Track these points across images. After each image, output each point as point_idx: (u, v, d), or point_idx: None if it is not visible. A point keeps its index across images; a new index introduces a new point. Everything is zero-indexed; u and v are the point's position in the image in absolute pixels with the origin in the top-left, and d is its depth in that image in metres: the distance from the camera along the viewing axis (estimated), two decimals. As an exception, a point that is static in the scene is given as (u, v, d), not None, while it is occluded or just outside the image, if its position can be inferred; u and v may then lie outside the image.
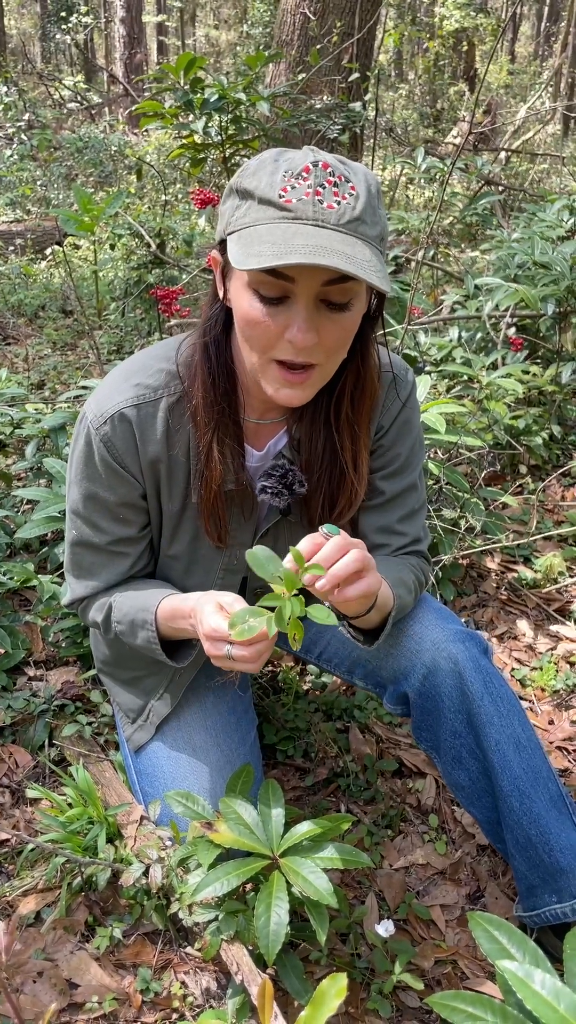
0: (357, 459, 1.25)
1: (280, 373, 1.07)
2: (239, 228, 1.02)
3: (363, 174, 1.03)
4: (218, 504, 1.23)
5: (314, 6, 5.26)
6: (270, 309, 1.03)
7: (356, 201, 1.00)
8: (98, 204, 2.39)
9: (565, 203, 3.73)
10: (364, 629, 1.29)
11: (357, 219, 0.99)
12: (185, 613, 1.21)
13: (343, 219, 0.98)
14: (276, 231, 0.97)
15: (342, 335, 1.07)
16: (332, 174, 0.99)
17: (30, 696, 1.75)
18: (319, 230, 0.97)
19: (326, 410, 1.22)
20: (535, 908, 1.27)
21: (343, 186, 1.00)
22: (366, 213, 1.01)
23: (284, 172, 0.99)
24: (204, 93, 3.10)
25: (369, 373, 1.20)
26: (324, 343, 1.05)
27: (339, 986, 0.63)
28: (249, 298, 1.04)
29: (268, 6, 13.67)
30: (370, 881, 1.51)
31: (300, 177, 0.99)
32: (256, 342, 1.06)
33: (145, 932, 1.36)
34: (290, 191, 0.98)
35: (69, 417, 2.16)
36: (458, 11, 11.84)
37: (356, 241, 0.99)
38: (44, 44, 18.20)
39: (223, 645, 1.09)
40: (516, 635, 2.22)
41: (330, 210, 0.98)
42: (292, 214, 0.98)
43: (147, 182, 7.43)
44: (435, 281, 4.32)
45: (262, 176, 1.01)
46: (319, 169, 0.99)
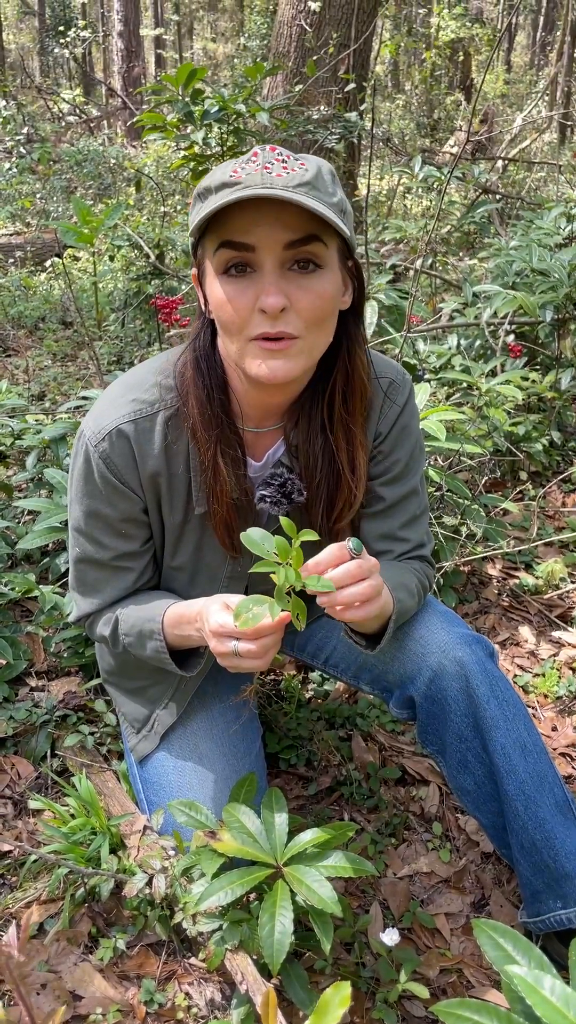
0: (354, 460, 1.25)
1: (260, 345, 1.07)
2: (198, 218, 1.04)
3: (314, 159, 1.07)
4: (230, 515, 1.24)
5: (310, 18, 5.29)
6: (238, 284, 1.05)
7: (306, 172, 1.03)
8: (97, 216, 2.40)
9: (562, 210, 3.74)
10: (365, 634, 1.29)
11: (307, 183, 1.02)
12: (191, 618, 1.21)
13: (292, 183, 1.01)
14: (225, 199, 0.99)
15: (315, 301, 1.06)
16: (280, 154, 1.04)
17: (32, 707, 1.75)
18: (267, 189, 0.99)
19: (321, 414, 1.22)
20: (540, 914, 1.26)
21: (292, 162, 1.04)
22: (317, 181, 1.03)
23: (236, 162, 1.04)
24: (204, 104, 3.11)
25: (357, 370, 1.21)
26: (298, 310, 1.05)
27: (343, 995, 0.63)
28: (220, 283, 1.06)
29: (265, 19, 13.75)
30: (374, 890, 1.50)
31: (250, 161, 1.04)
32: (232, 324, 1.07)
33: (149, 943, 1.35)
34: (240, 171, 1.02)
35: (69, 428, 2.16)
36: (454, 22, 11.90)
37: (306, 197, 1.00)
38: (42, 58, 18.32)
39: (229, 641, 1.08)
40: (518, 641, 2.22)
41: (279, 178, 1.01)
42: (241, 184, 1.01)
43: (146, 194, 7.46)
44: (433, 289, 4.33)
45: (216, 173, 1.05)
46: (266, 151, 1.04)
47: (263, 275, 1.04)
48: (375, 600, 1.07)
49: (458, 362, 2.80)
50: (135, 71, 14.01)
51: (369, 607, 1.07)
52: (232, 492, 1.22)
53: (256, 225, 1.01)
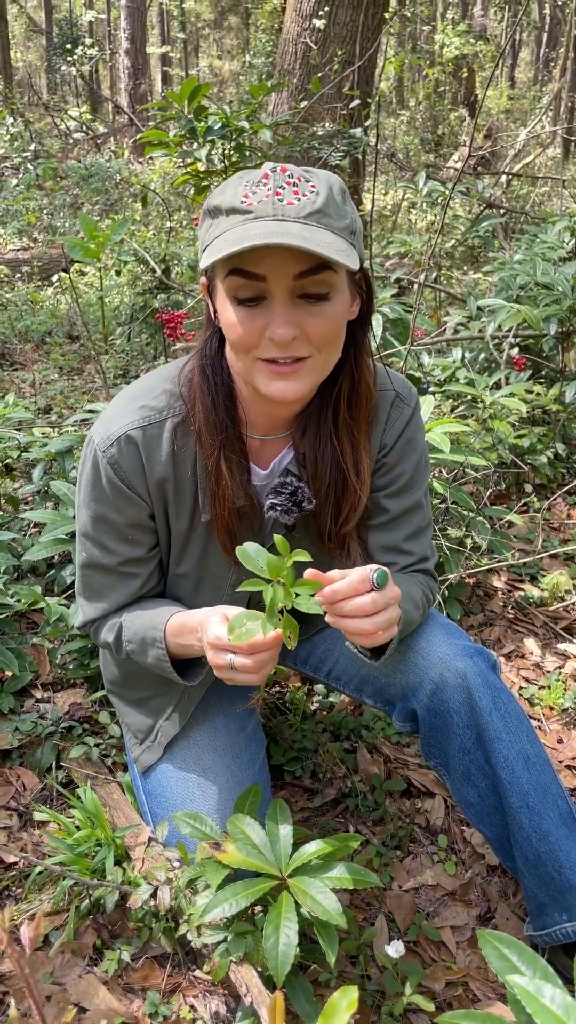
0: (359, 465, 1.26)
1: (268, 367, 1.09)
2: (210, 242, 1.06)
3: (324, 175, 1.07)
4: (232, 521, 1.25)
5: (315, 36, 5.34)
6: (249, 311, 1.06)
7: (316, 196, 1.03)
8: (103, 231, 2.42)
9: (566, 224, 3.76)
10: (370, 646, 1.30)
11: (319, 211, 1.02)
12: (192, 628, 1.22)
13: (303, 212, 1.02)
14: (238, 230, 1.01)
15: (327, 327, 1.08)
16: (291, 176, 1.04)
17: (37, 718, 1.75)
18: (279, 223, 1.00)
19: (328, 421, 1.23)
20: (545, 927, 1.26)
21: (302, 185, 1.04)
22: (328, 207, 1.04)
23: (246, 183, 1.04)
24: (208, 121, 3.14)
25: (363, 376, 1.22)
26: (309, 336, 1.07)
27: (350, 999, 0.63)
28: (230, 306, 1.07)
29: (270, 36, 13.88)
30: (379, 902, 1.50)
31: (260, 183, 1.03)
32: (241, 345, 1.08)
33: (153, 955, 1.35)
34: (251, 196, 1.03)
35: (76, 440, 2.18)
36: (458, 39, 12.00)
37: (318, 228, 1.01)
38: (50, 76, 18.50)
39: (225, 654, 1.09)
40: (524, 653, 2.21)
41: (290, 206, 1.02)
42: (254, 214, 1.01)
43: (152, 209, 7.51)
44: (438, 303, 4.35)
45: (227, 191, 1.05)
46: (277, 173, 1.04)
47: (273, 305, 1.05)
48: (387, 631, 1.09)
49: (462, 375, 2.81)
50: (141, 88, 14.14)
51: (376, 638, 1.08)
52: (236, 498, 1.22)
53: (267, 256, 1.02)
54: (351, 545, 1.34)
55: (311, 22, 5.32)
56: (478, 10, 16.79)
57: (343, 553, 1.34)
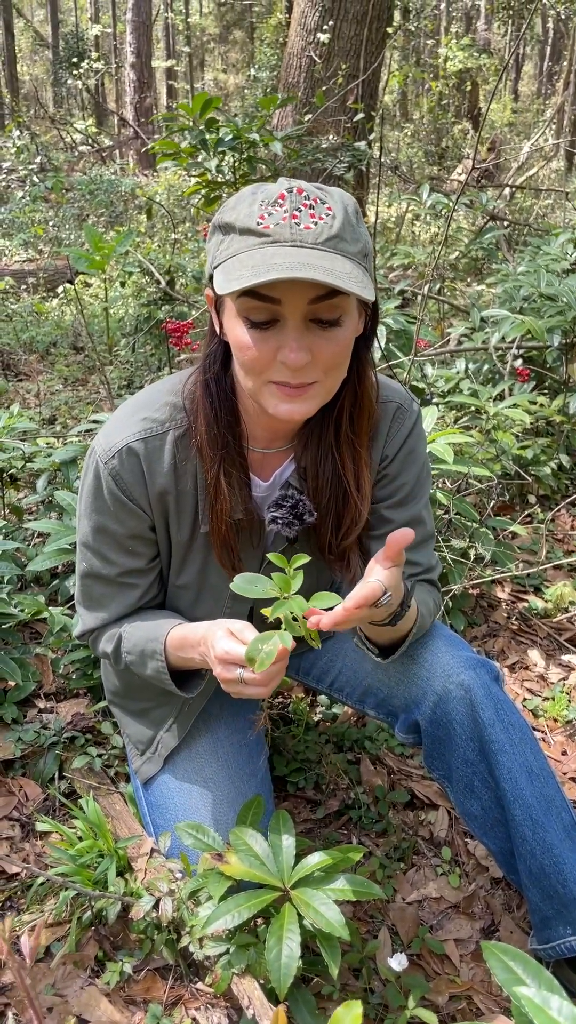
0: (360, 478, 1.26)
1: (278, 389, 1.08)
2: (223, 260, 1.05)
3: (339, 196, 1.06)
4: (229, 534, 1.25)
5: (320, 49, 5.37)
6: (261, 333, 1.05)
7: (333, 220, 1.02)
8: (109, 243, 2.44)
9: (569, 236, 3.77)
10: (379, 644, 1.30)
11: (335, 236, 1.02)
12: (194, 642, 1.22)
13: (321, 238, 1.01)
14: (256, 255, 1.00)
15: (336, 351, 1.08)
16: (307, 198, 1.02)
17: (40, 728, 1.75)
18: (298, 249, 0.99)
19: (329, 435, 1.24)
20: (550, 940, 1.25)
21: (319, 207, 1.02)
22: (344, 231, 1.03)
23: (261, 201, 1.03)
24: (219, 133, 3.16)
25: (366, 392, 1.22)
26: (319, 361, 1.07)
27: (354, 1013, 0.63)
28: (241, 326, 1.06)
29: (275, 50, 13.98)
30: (382, 915, 1.49)
31: (276, 204, 1.02)
32: (250, 366, 1.08)
33: (155, 967, 1.34)
34: (267, 217, 1.01)
35: (80, 451, 2.18)
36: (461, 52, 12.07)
37: (336, 256, 1.01)
38: (56, 89, 18.64)
39: (235, 668, 1.09)
40: (527, 665, 2.21)
41: (307, 231, 1.01)
42: (271, 238, 1.01)
43: (157, 221, 7.55)
44: (441, 314, 4.36)
45: (241, 208, 1.04)
46: (294, 194, 1.02)
47: (286, 329, 1.04)
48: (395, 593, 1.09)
49: (466, 386, 2.81)
50: (147, 102, 14.23)
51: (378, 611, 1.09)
52: (234, 512, 1.23)
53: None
54: (351, 558, 1.34)
55: (315, 36, 5.36)
56: (481, 24, 16.90)
57: (343, 566, 1.34)
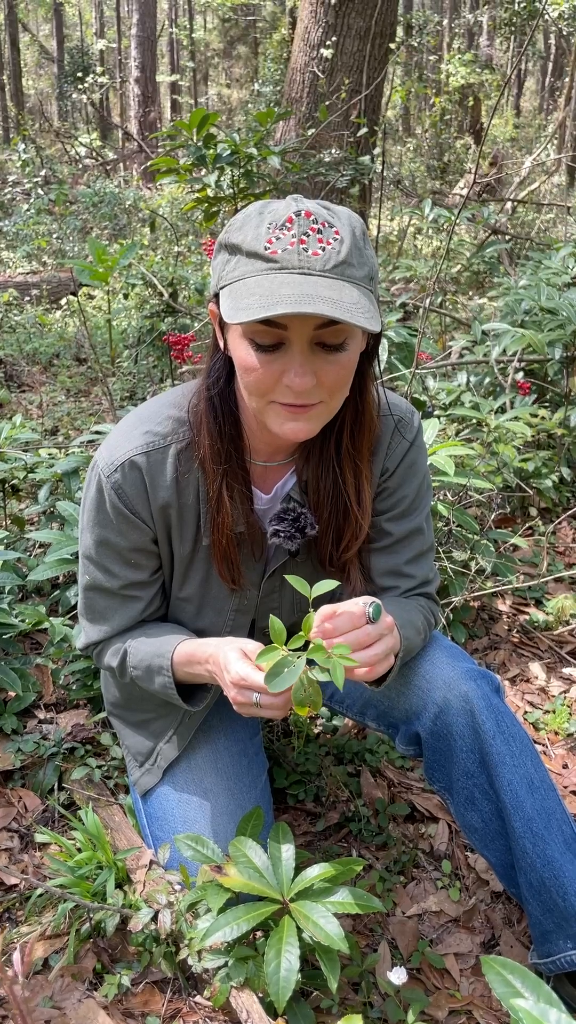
0: (360, 493, 1.27)
1: (283, 409, 1.09)
2: (230, 282, 1.05)
3: (347, 217, 1.06)
4: (230, 548, 1.25)
5: (323, 64, 5.41)
6: (266, 356, 1.05)
7: (341, 245, 1.02)
8: (112, 255, 2.45)
9: (571, 250, 3.79)
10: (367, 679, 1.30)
11: (343, 262, 1.02)
12: (202, 659, 1.22)
13: (328, 264, 1.01)
14: (264, 283, 1.00)
15: (341, 374, 1.09)
16: (315, 221, 1.02)
17: (40, 739, 1.74)
18: (305, 278, 0.99)
19: (331, 448, 1.24)
20: (550, 955, 1.24)
21: (327, 232, 1.02)
22: (352, 255, 1.03)
23: (269, 224, 1.02)
24: (217, 148, 3.18)
25: (367, 408, 1.22)
26: (324, 383, 1.08)
27: (350, 1027, 0.63)
28: (246, 347, 1.06)
29: (278, 65, 14.07)
30: (382, 928, 1.49)
31: (284, 227, 1.01)
32: (255, 388, 1.08)
33: (154, 980, 1.34)
34: (275, 242, 1.01)
35: (82, 461, 2.19)
36: (464, 68, 12.15)
37: (343, 284, 1.01)
38: (61, 103, 18.77)
39: (251, 693, 1.09)
40: (528, 677, 2.20)
41: (315, 257, 1.00)
42: (278, 264, 1.00)
43: (160, 234, 7.59)
44: (443, 327, 4.38)
45: (248, 230, 1.03)
46: (302, 218, 1.01)
47: (292, 353, 1.05)
48: (384, 663, 1.12)
49: (467, 399, 2.82)
50: (151, 116, 14.34)
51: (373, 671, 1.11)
52: (236, 525, 1.23)
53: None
54: (351, 571, 1.34)
55: (319, 51, 5.40)
56: (484, 40, 17.03)
57: (343, 578, 1.34)
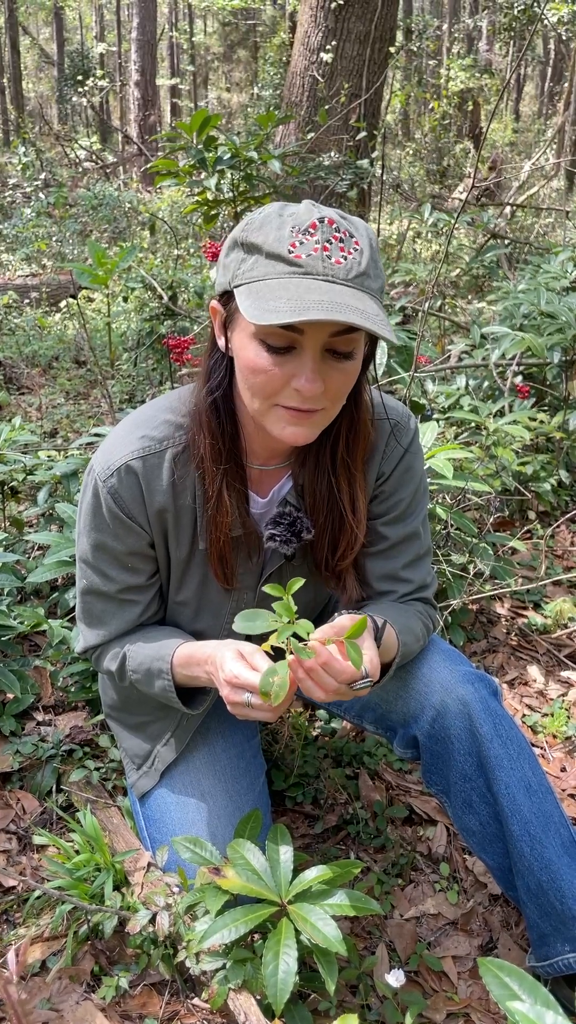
0: (355, 501, 1.27)
1: (286, 413, 1.10)
2: (248, 281, 1.04)
3: (364, 229, 1.07)
4: (226, 548, 1.25)
5: (322, 69, 5.43)
6: (277, 359, 1.06)
7: (361, 256, 1.03)
8: (112, 258, 2.45)
9: (570, 255, 3.79)
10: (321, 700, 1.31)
11: (363, 273, 1.03)
12: (200, 660, 1.22)
13: (351, 274, 1.02)
14: (289, 286, 1.00)
15: (346, 381, 1.10)
16: (337, 230, 1.03)
17: (38, 741, 1.74)
18: (331, 285, 1.00)
19: (326, 455, 1.24)
20: (548, 958, 1.24)
21: (348, 242, 1.03)
22: (370, 267, 1.04)
23: (291, 228, 1.02)
24: (217, 151, 3.19)
25: (362, 415, 1.23)
26: (329, 390, 1.08)
27: (347, 1027, 0.63)
28: (256, 348, 1.06)
29: (278, 69, 14.10)
30: (380, 931, 1.49)
31: (308, 233, 1.02)
32: (261, 390, 1.08)
33: (152, 982, 1.34)
34: (299, 246, 1.01)
35: (81, 464, 2.19)
36: (463, 72, 12.18)
37: (364, 295, 1.02)
38: (61, 106, 18.80)
39: (243, 692, 1.10)
40: (527, 681, 2.21)
41: (338, 265, 1.02)
42: (303, 269, 1.01)
43: (160, 237, 7.60)
44: (442, 331, 4.38)
45: (269, 231, 1.03)
46: (325, 225, 1.02)
47: (304, 359, 1.05)
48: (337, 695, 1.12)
49: (466, 402, 2.82)
50: (151, 119, 14.35)
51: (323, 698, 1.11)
52: (233, 528, 1.23)
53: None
54: (347, 577, 1.34)
55: (319, 56, 5.42)
56: (483, 44, 17.07)
57: (338, 585, 1.35)
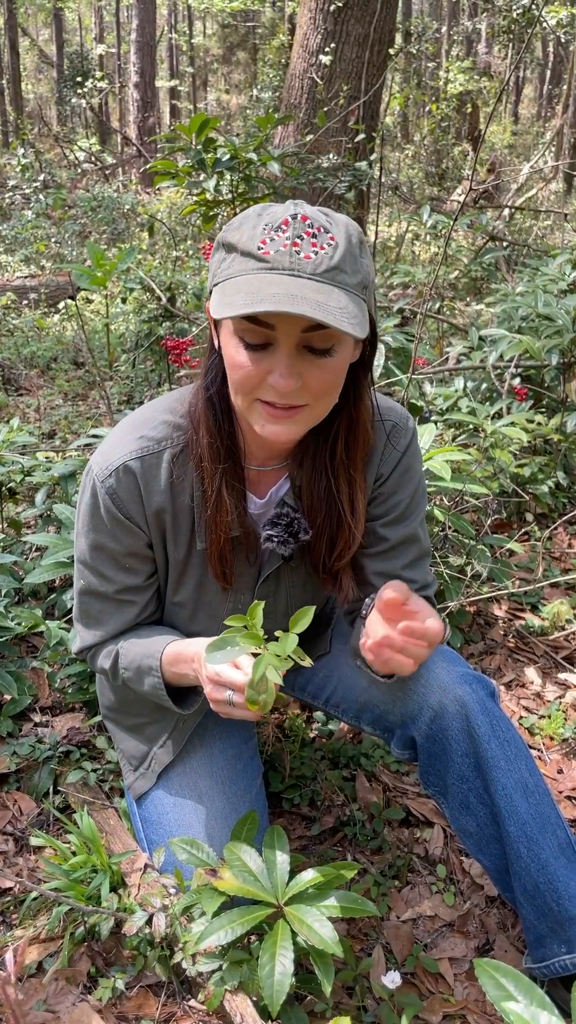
0: (354, 502, 1.27)
1: (264, 409, 1.09)
2: (222, 280, 1.05)
3: (344, 225, 1.05)
4: (226, 548, 1.25)
5: (322, 71, 5.43)
6: (254, 355, 1.06)
7: (334, 251, 1.02)
8: (110, 260, 2.46)
9: (568, 257, 3.80)
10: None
11: (335, 268, 1.02)
12: (187, 658, 1.22)
13: (319, 268, 1.01)
14: (253, 281, 1.00)
15: (327, 379, 1.08)
16: (311, 225, 1.02)
17: (35, 742, 1.74)
18: (294, 279, 0.99)
19: (324, 456, 1.24)
20: (544, 959, 1.24)
21: (321, 236, 1.02)
22: (345, 262, 1.03)
23: (265, 225, 1.03)
24: (216, 153, 3.20)
25: (362, 418, 1.22)
26: (309, 387, 1.07)
27: (342, 1029, 0.63)
28: (235, 345, 1.07)
29: (277, 71, 14.11)
30: (377, 932, 1.49)
31: (279, 229, 1.02)
32: (241, 385, 1.09)
33: (148, 984, 1.34)
34: (269, 243, 1.01)
35: (79, 465, 2.19)
36: (462, 75, 12.20)
37: (332, 289, 1.01)
38: (60, 108, 18.80)
39: (224, 690, 1.10)
40: (524, 683, 2.21)
41: (307, 260, 1.00)
42: (269, 265, 1.01)
43: (158, 238, 7.61)
44: (440, 333, 4.39)
45: (244, 230, 1.04)
46: (298, 221, 1.02)
47: (279, 354, 1.05)
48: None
49: (464, 404, 2.82)
50: (150, 121, 14.36)
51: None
52: (232, 528, 1.23)
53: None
54: (343, 579, 1.34)
55: (318, 58, 5.42)
56: (482, 47, 17.09)
57: (335, 586, 1.34)
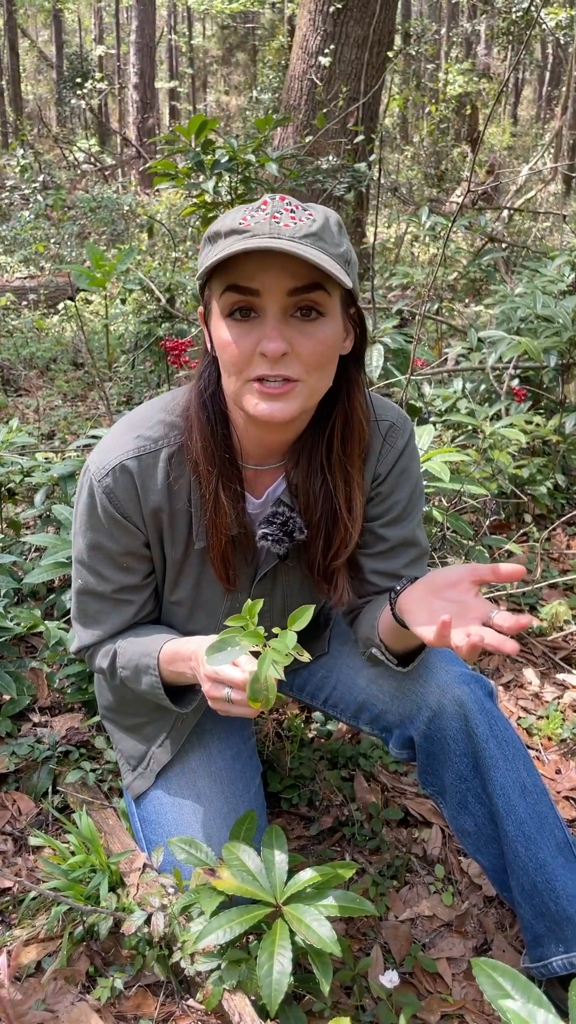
0: (351, 500, 1.27)
1: (258, 388, 1.09)
2: (207, 261, 1.08)
3: (323, 210, 1.10)
4: (227, 550, 1.26)
5: (321, 72, 5.44)
6: (243, 328, 1.08)
7: (313, 223, 1.06)
8: (110, 260, 2.46)
9: (566, 259, 3.80)
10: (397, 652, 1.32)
11: (314, 234, 1.05)
12: (185, 656, 1.23)
13: (299, 233, 1.04)
14: (233, 246, 1.03)
15: (317, 347, 1.09)
16: (289, 204, 1.07)
17: (34, 742, 1.75)
18: (274, 239, 1.02)
19: (320, 454, 1.25)
20: (542, 959, 1.25)
21: (300, 212, 1.07)
22: (324, 233, 1.06)
23: (246, 209, 1.08)
24: (215, 154, 3.20)
25: (356, 413, 1.23)
26: (299, 355, 1.08)
27: (340, 1027, 0.63)
28: (225, 326, 1.09)
29: (277, 73, 14.12)
30: (375, 932, 1.49)
31: (259, 209, 1.07)
32: (233, 364, 1.09)
33: (147, 983, 1.34)
34: (249, 219, 1.05)
35: (78, 465, 2.19)
36: (461, 76, 12.20)
37: (312, 247, 1.04)
38: (59, 108, 18.80)
39: (222, 688, 1.10)
40: (522, 683, 2.21)
41: (286, 228, 1.04)
42: (250, 233, 1.04)
43: (158, 239, 7.61)
44: (439, 334, 4.39)
45: (226, 219, 1.08)
46: (276, 201, 1.07)
47: (266, 320, 1.07)
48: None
49: (463, 405, 2.83)
50: (149, 122, 14.36)
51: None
52: (231, 528, 1.24)
53: (262, 271, 1.04)
54: (338, 579, 1.34)
55: (317, 59, 5.43)
56: (481, 49, 17.10)
57: (330, 587, 1.34)
